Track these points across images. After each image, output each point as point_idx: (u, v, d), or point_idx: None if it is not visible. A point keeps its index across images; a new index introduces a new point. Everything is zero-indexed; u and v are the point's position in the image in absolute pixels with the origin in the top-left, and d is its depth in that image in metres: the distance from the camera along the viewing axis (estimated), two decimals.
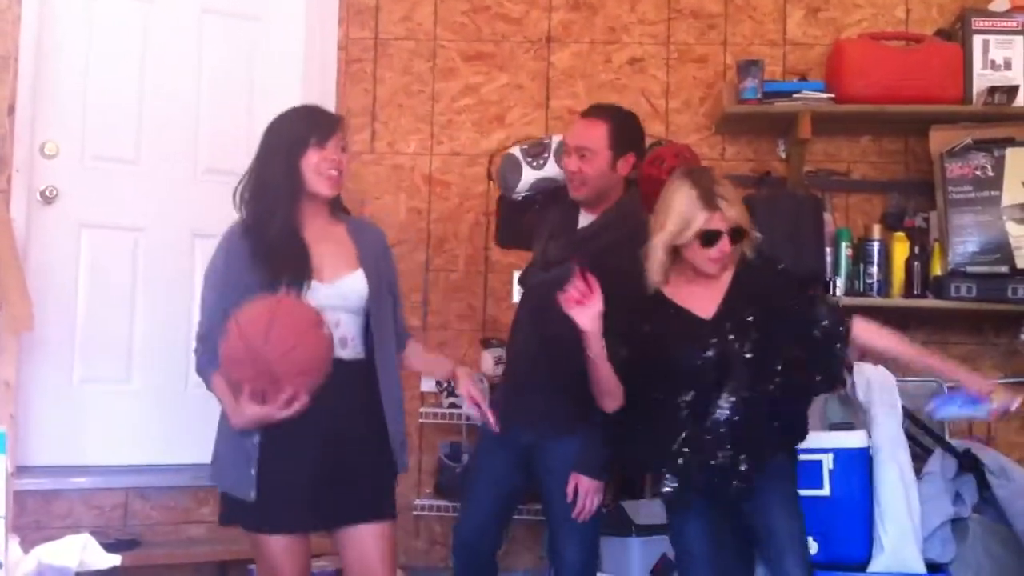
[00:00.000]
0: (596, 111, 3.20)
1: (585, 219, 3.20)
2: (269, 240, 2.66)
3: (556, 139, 3.36)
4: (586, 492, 3.02)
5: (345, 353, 2.71)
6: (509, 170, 3.35)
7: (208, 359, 2.64)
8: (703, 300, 2.84)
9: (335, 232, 2.79)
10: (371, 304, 2.74)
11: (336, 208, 2.85)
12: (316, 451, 2.64)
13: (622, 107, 3.32)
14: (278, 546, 2.67)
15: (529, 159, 3.33)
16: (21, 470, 3.67)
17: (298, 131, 2.72)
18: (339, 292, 2.70)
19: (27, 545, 2.68)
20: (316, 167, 2.69)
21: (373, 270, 2.77)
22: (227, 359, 2.51)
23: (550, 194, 3.33)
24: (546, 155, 3.32)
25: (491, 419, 2.85)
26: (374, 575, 2.72)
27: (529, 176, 3.33)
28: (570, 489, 3.03)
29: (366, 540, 2.72)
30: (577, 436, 3.04)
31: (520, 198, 3.38)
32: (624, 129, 3.15)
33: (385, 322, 2.78)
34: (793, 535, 2.83)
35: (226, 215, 2.80)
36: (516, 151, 3.38)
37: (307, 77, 4.28)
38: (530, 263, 3.30)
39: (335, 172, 2.72)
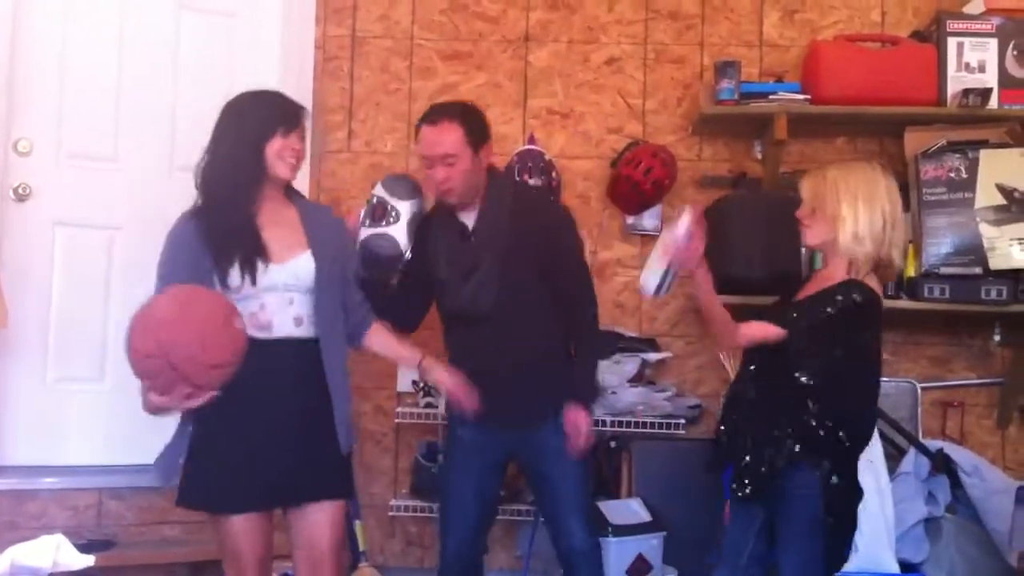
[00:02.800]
0: (441, 113, 3.13)
1: (468, 217, 3.18)
2: (227, 222, 2.72)
3: (378, 187, 3.30)
4: (587, 429, 3.08)
5: (299, 331, 2.76)
6: (382, 247, 3.19)
7: None
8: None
9: (287, 215, 2.85)
10: (317, 285, 2.78)
11: (290, 191, 2.91)
12: (269, 429, 2.69)
13: (461, 102, 3.33)
14: (238, 527, 2.69)
15: (384, 223, 3.21)
16: None
17: (266, 117, 2.79)
18: (292, 272, 2.75)
19: (0, 545, 2.67)
20: (279, 153, 2.76)
21: (322, 252, 2.82)
22: (133, 351, 2.50)
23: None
24: (390, 206, 3.23)
25: (468, 403, 2.93)
26: (322, 555, 2.79)
27: (400, 231, 3.21)
28: (572, 428, 3.06)
29: (316, 520, 2.78)
30: (557, 421, 3.09)
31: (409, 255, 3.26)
32: (473, 122, 3.13)
33: (331, 303, 2.83)
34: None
35: None
36: (367, 233, 3.22)
37: (284, 74, 4.26)
38: (443, 289, 3.21)
39: (294, 160, 2.80)
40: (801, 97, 3.98)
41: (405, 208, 3.22)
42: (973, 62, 3.99)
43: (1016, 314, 3.81)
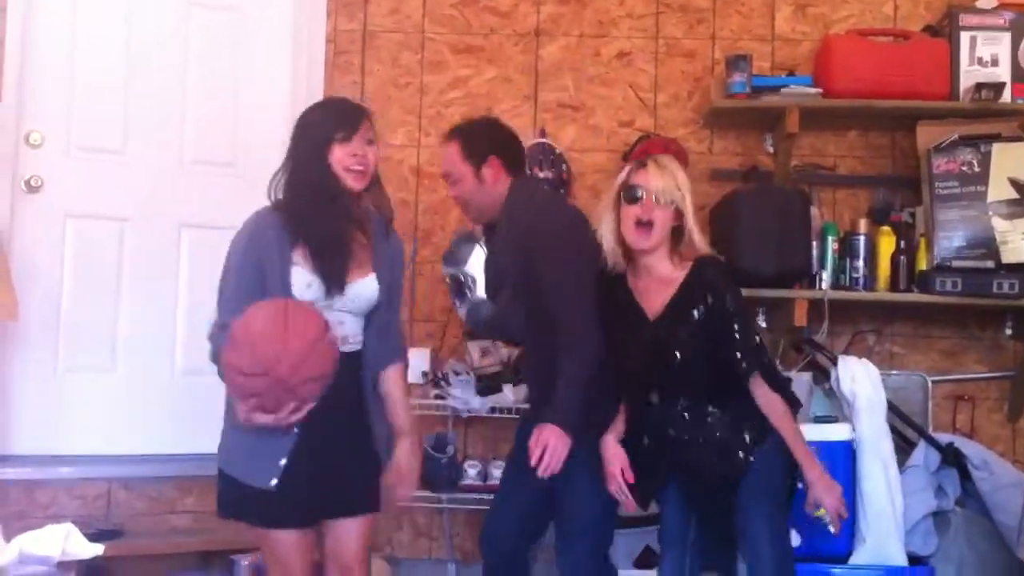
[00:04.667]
0: (446, 135, 3.20)
1: None
2: (319, 237, 2.64)
3: (444, 268, 3.64)
4: (545, 438, 2.80)
5: (344, 348, 2.70)
6: (485, 312, 3.36)
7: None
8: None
9: (360, 233, 2.76)
10: (376, 311, 2.75)
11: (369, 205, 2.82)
12: (314, 449, 2.64)
13: (474, 119, 3.34)
14: (288, 541, 2.66)
15: (468, 293, 3.43)
16: (4, 459, 3.69)
17: (324, 127, 2.69)
18: (354, 295, 2.70)
19: (10, 534, 2.68)
20: (342, 162, 2.67)
21: (386, 278, 2.77)
22: (235, 370, 2.48)
23: None
24: (462, 278, 3.44)
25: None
26: (351, 566, 2.77)
27: (480, 289, 3.33)
28: (533, 442, 2.81)
29: (350, 532, 2.76)
30: (581, 447, 2.94)
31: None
32: (473, 139, 3.12)
33: (382, 328, 2.79)
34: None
35: (212, 205, 2.79)
36: (462, 310, 3.49)
37: (295, 69, 4.28)
38: None
39: (360, 167, 2.69)
40: (813, 91, 3.97)
41: (474, 268, 3.34)
42: (986, 56, 3.98)
43: None
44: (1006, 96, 3.93)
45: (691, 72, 4.32)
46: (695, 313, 2.82)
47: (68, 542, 2.76)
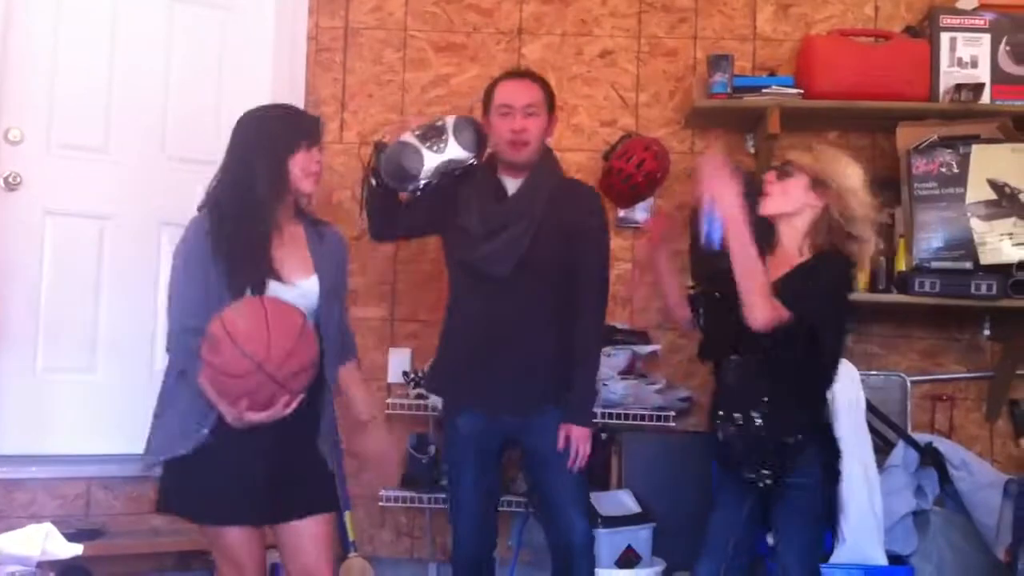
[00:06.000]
0: (528, 75, 3.31)
1: (512, 184, 3.19)
2: (243, 240, 2.65)
3: (450, 119, 3.15)
4: (578, 439, 3.05)
5: None
6: (407, 158, 3.07)
7: (192, 355, 2.56)
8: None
9: (295, 233, 2.81)
10: (320, 309, 2.77)
11: (298, 208, 2.86)
12: (266, 447, 2.65)
13: None
14: (240, 538, 2.68)
15: (428, 144, 3.08)
16: None
17: (289, 131, 2.75)
18: (300, 293, 2.72)
19: None
20: (304, 167, 2.73)
21: (327, 275, 2.80)
22: (221, 373, 2.49)
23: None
24: (445, 137, 3.10)
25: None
26: (312, 567, 2.78)
27: (432, 162, 3.08)
28: (561, 439, 3.05)
29: (306, 533, 2.77)
30: (559, 408, 3.07)
31: (420, 189, 3.14)
32: (550, 93, 3.24)
33: (331, 327, 2.81)
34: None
35: (194, 203, 2.78)
36: (409, 137, 3.10)
37: (277, 66, 4.26)
38: (461, 239, 3.18)
39: (318, 171, 2.79)
40: (794, 91, 3.98)
41: (454, 150, 3.10)
42: (966, 57, 3.99)
43: (1006, 308, 3.81)
44: (985, 97, 3.95)
45: (673, 72, 4.32)
46: (796, 287, 2.73)
47: (47, 542, 2.72)
